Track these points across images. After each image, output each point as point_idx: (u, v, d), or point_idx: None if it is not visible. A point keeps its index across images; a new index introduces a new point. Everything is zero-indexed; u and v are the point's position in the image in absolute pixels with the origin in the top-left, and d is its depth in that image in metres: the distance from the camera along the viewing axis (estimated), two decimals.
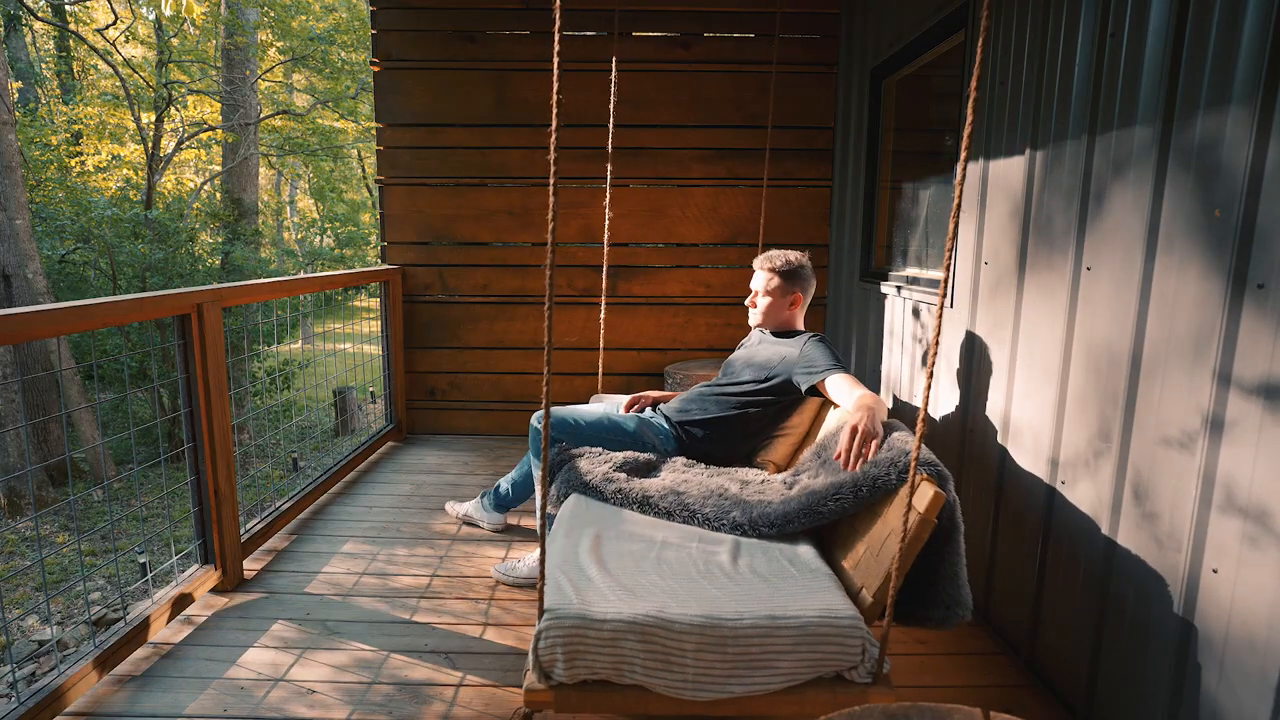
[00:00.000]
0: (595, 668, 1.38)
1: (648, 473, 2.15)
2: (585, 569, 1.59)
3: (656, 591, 1.49)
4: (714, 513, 1.85)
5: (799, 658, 1.36)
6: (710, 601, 1.44)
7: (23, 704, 1.58)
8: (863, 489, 1.61)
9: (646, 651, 1.36)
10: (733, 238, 3.98)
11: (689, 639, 1.36)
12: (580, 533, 1.78)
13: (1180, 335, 1.38)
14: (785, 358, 2.23)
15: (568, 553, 1.67)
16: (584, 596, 1.45)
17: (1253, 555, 1.21)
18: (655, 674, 1.37)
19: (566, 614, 1.38)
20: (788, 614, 1.39)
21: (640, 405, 2.58)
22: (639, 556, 1.66)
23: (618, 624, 1.36)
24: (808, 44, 3.83)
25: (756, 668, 1.36)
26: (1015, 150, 2.00)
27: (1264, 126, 1.20)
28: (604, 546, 1.71)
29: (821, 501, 1.68)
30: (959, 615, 1.52)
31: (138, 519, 6.57)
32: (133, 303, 1.93)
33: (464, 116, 3.91)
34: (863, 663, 1.38)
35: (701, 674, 1.36)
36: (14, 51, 10.40)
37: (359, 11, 11.34)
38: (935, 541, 1.50)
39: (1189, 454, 1.35)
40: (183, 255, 8.44)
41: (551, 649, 1.37)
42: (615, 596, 1.46)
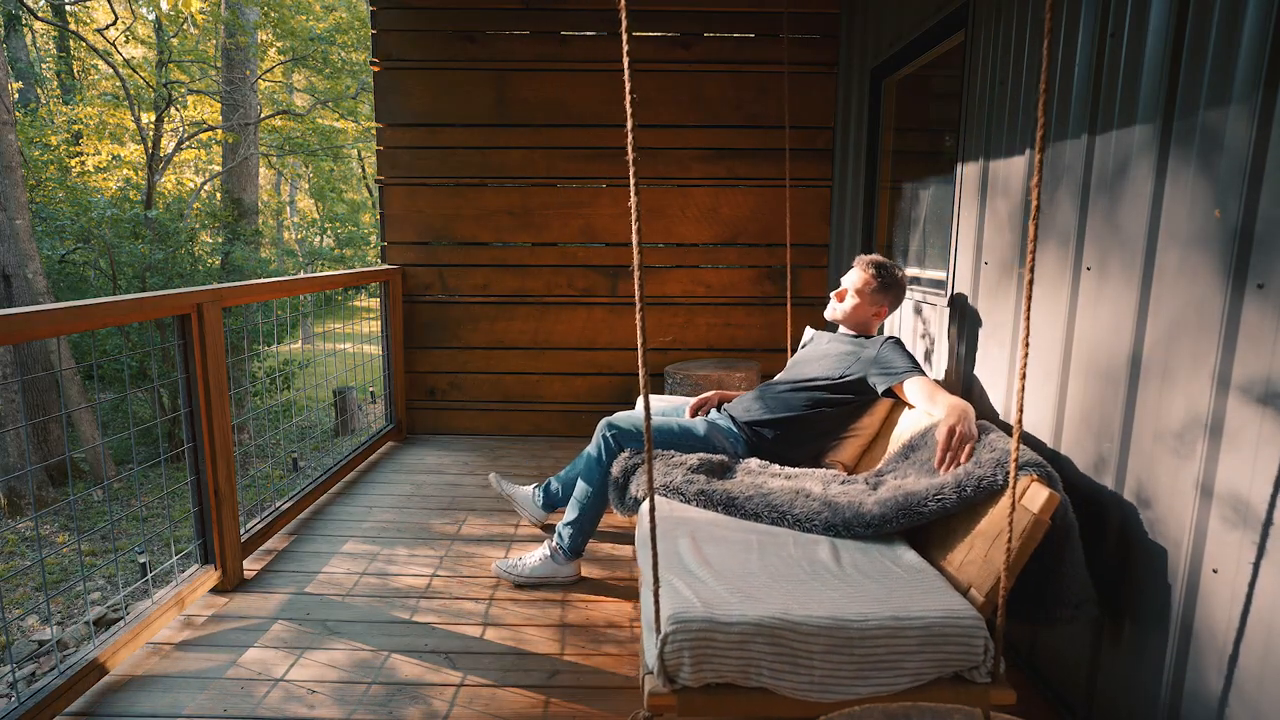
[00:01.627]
0: (722, 671, 1.36)
1: (724, 475, 2.09)
2: (694, 571, 1.57)
3: (775, 593, 1.48)
4: (804, 513, 1.81)
5: (924, 658, 1.36)
6: (831, 603, 1.44)
7: (23, 704, 1.58)
8: (967, 489, 1.59)
9: (774, 654, 1.36)
10: (733, 238, 3.98)
11: (817, 641, 1.35)
12: (674, 535, 1.75)
13: (1180, 335, 1.38)
14: (861, 358, 2.19)
15: (670, 556, 1.64)
16: (704, 599, 1.43)
17: (1253, 555, 1.21)
18: (783, 676, 1.36)
19: (693, 617, 1.36)
20: (911, 615, 1.39)
21: (706, 407, 2.53)
22: (742, 558, 1.64)
23: (745, 626, 1.35)
24: (808, 44, 3.83)
25: (883, 669, 1.36)
26: (1015, 150, 2.00)
27: (1264, 126, 1.20)
28: (704, 548, 1.68)
29: (922, 502, 1.66)
30: (1088, 611, 1.51)
31: (138, 519, 6.57)
32: (133, 303, 1.93)
33: (464, 116, 3.91)
34: (984, 662, 1.37)
35: (828, 675, 1.36)
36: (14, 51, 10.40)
37: (359, 11, 11.34)
38: (1053, 540, 1.49)
39: (1189, 453, 1.35)
40: (183, 255, 8.45)
41: (679, 652, 1.34)
42: (735, 599, 1.44)
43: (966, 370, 2.28)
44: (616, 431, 2.24)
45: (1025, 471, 1.49)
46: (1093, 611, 1.52)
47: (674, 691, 1.36)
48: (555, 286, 4.01)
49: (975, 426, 1.77)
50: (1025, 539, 1.39)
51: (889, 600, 1.45)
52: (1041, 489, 1.41)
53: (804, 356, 2.44)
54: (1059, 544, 1.49)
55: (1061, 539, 1.49)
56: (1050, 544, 1.49)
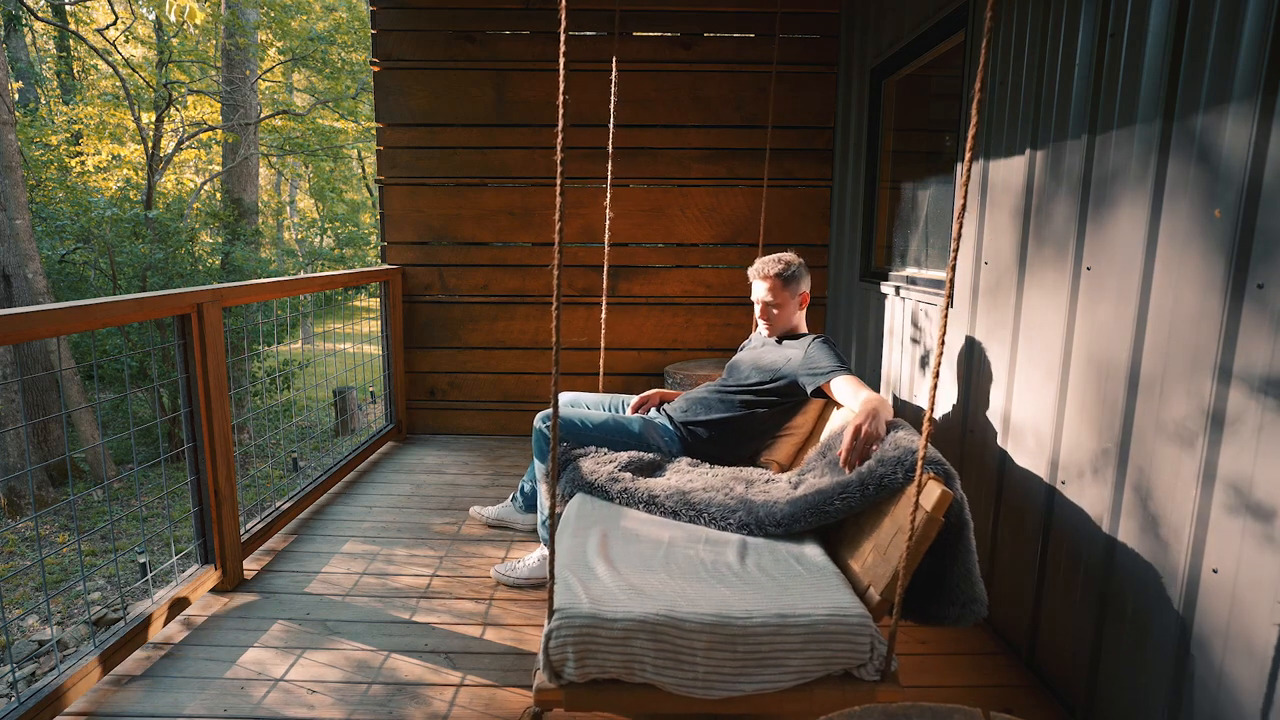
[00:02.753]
0: (606, 666, 1.38)
1: (652, 472, 2.14)
2: (594, 568, 1.59)
3: (666, 591, 1.49)
4: (719, 512, 1.85)
5: (808, 655, 1.37)
6: (720, 600, 1.45)
7: (23, 704, 1.58)
8: (869, 487, 1.61)
9: (657, 650, 1.37)
10: (733, 238, 3.98)
11: (699, 637, 1.36)
12: (587, 532, 1.78)
13: (1180, 335, 1.38)
14: (790, 359, 2.24)
15: (575, 552, 1.67)
16: (594, 595, 1.45)
17: (1253, 555, 1.21)
18: (665, 672, 1.37)
19: (577, 613, 1.38)
20: (797, 612, 1.40)
21: (647, 406, 2.57)
22: (647, 556, 1.67)
23: (628, 623, 1.37)
24: (808, 44, 3.83)
25: (766, 666, 1.37)
26: (1015, 150, 2.00)
27: (1264, 126, 1.20)
28: (611, 546, 1.71)
29: (828, 500, 1.69)
30: (975, 612, 1.52)
31: (138, 519, 6.57)
32: (133, 303, 1.93)
33: (464, 116, 3.91)
34: (871, 660, 1.38)
35: (712, 672, 1.37)
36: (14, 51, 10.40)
37: (359, 11, 11.35)
38: (945, 539, 1.50)
39: (1189, 453, 1.35)
40: (183, 255, 8.45)
41: (562, 648, 1.37)
42: (625, 596, 1.46)
43: (966, 371, 2.28)
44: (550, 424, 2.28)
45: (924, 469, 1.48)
46: (980, 612, 1.52)
47: (560, 686, 1.39)
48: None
49: (884, 425, 1.77)
50: (919, 537, 1.39)
51: (779, 598, 1.46)
52: (936, 486, 1.41)
53: (740, 359, 2.47)
54: (952, 542, 1.51)
55: (955, 538, 1.50)
56: (944, 542, 1.50)
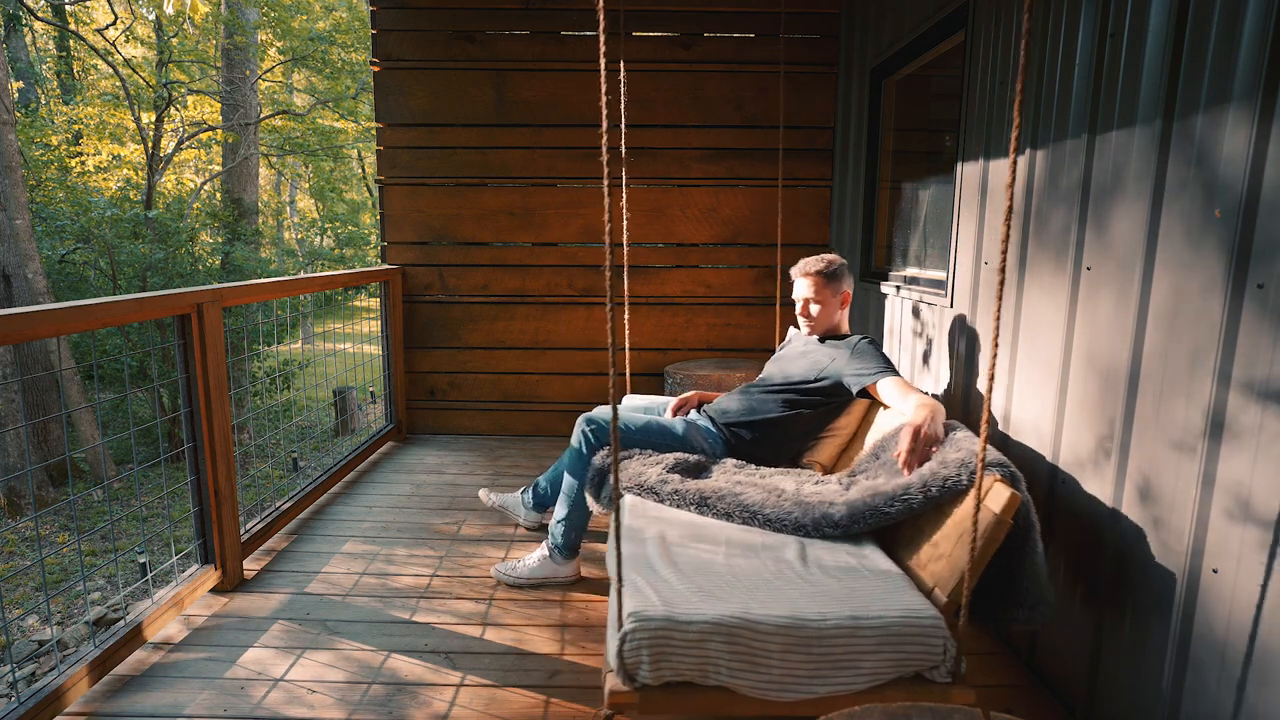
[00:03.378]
0: (680, 669, 1.37)
1: (699, 474, 2.10)
2: (658, 570, 1.58)
3: (736, 592, 1.49)
4: (774, 513, 1.82)
5: (882, 658, 1.36)
6: (792, 602, 1.44)
7: (23, 704, 1.58)
8: (932, 489, 1.60)
9: (732, 653, 1.36)
10: (733, 238, 3.98)
11: (774, 640, 1.36)
12: (644, 534, 1.77)
13: (1181, 335, 1.38)
14: (835, 359, 2.21)
15: (637, 554, 1.66)
16: (665, 598, 1.45)
17: (1253, 555, 1.21)
18: (740, 675, 1.37)
19: (652, 616, 1.37)
20: (870, 614, 1.39)
21: (687, 408, 2.54)
22: (706, 558, 1.65)
23: (703, 625, 1.36)
24: (808, 44, 3.83)
25: (841, 668, 1.37)
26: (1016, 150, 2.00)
27: (1264, 126, 1.20)
28: (672, 548, 1.70)
29: (889, 501, 1.67)
30: (1044, 614, 1.51)
31: (138, 519, 6.57)
32: (133, 303, 1.93)
33: (464, 116, 3.91)
34: (944, 662, 1.37)
35: (787, 675, 1.37)
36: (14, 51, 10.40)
37: (359, 11, 11.35)
38: (1013, 541, 1.50)
39: (1190, 453, 1.35)
40: (183, 255, 8.45)
41: (637, 651, 1.36)
42: (696, 598, 1.46)
43: (966, 371, 2.28)
44: (595, 426, 2.26)
45: (989, 472, 1.49)
46: (1048, 615, 1.52)
47: (634, 689, 1.38)
48: (555, 286, 4.01)
49: (942, 427, 1.77)
50: (987, 539, 1.39)
51: (849, 600, 1.45)
52: (1004, 489, 1.41)
53: (782, 358, 2.45)
54: (1020, 544, 1.50)
55: (1022, 540, 1.50)
56: (1011, 544, 1.50)
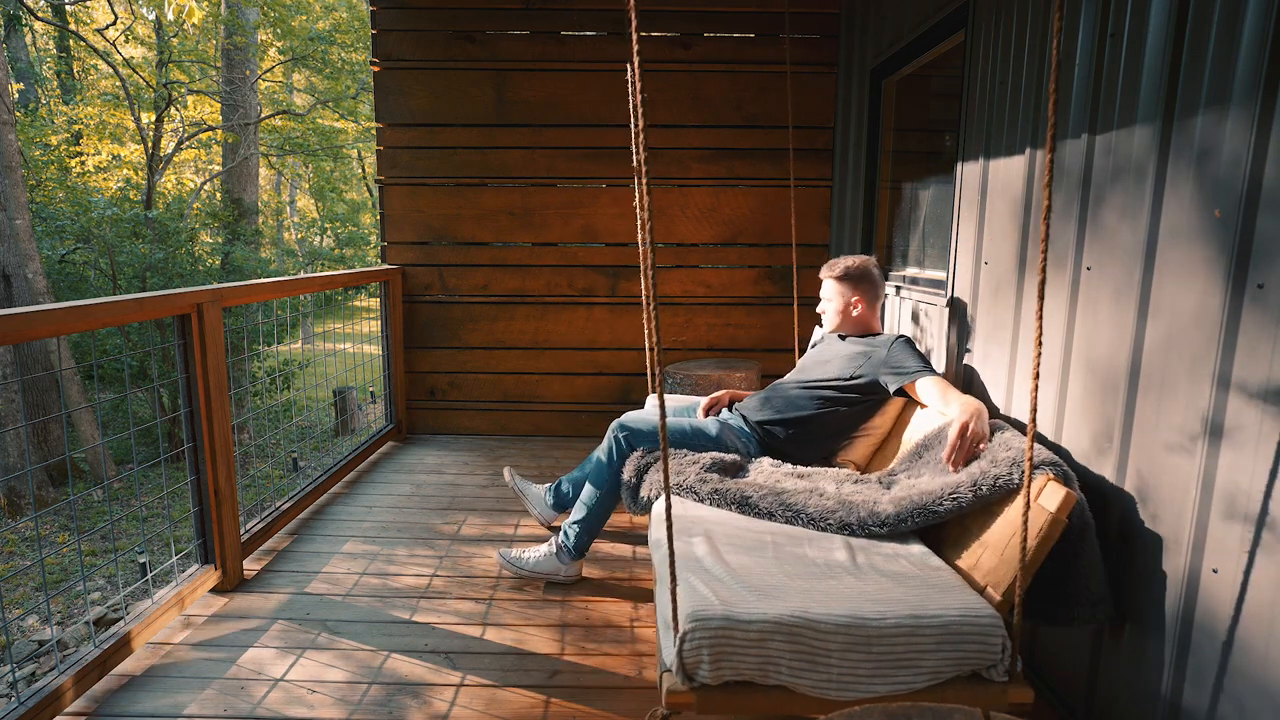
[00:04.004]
0: (740, 669, 1.36)
1: (736, 473, 2.10)
2: (711, 570, 1.57)
3: (792, 591, 1.48)
4: (818, 512, 1.82)
5: (942, 657, 1.36)
6: (850, 601, 1.44)
7: (23, 704, 1.58)
8: (982, 488, 1.59)
9: (793, 652, 1.36)
10: (733, 238, 3.98)
11: (835, 639, 1.35)
12: (688, 533, 1.75)
13: (1180, 335, 1.38)
14: (872, 358, 2.20)
15: (684, 554, 1.64)
16: (723, 597, 1.44)
17: (1253, 555, 1.21)
18: (801, 674, 1.36)
19: (712, 615, 1.37)
20: (929, 613, 1.38)
21: (718, 407, 2.53)
22: (755, 554, 1.65)
23: (764, 624, 1.35)
24: (808, 44, 3.83)
25: (901, 667, 1.36)
26: (1015, 150, 2.00)
27: (1264, 126, 1.20)
28: (720, 547, 1.68)
29: (937, 501, 1.66)
30: (1104, 611, 1.51)
31: (138, 519, 6.57)
32: (133, 303, 1.93)
33: (464, 116, 3.91)
34: (1002, 661, 1.37)
35: (846, 673, 1.36)
36: (14, 51, 10.40)
37: (359, 11, 11.35)
38: (1069, 540, 1.49)
39: (1190, 453, 1.35)
40: (183, 255, 8.45)
41: (697, 650, 1.35)
42: (753, 597, 1.45)
43: (966, 371, 2.28)
44: (628, 432, 2.24)
45: (1042, 470, 1.49)
46: (1109, 611, 1.51)
47: (692, 689, 1.37)
48: (555, 286, 4.01)
49: (988, 425, 1.77)
50: (1043, 538, 1.39)
51: (907, 599, 1.44)
52: (1059, 488, 1.41)
53: (815, 356, 2.43)
54: (1075, 543, 1.49)
55: (1078, 538, 1.49)
56: (1067, 543, 1.49)
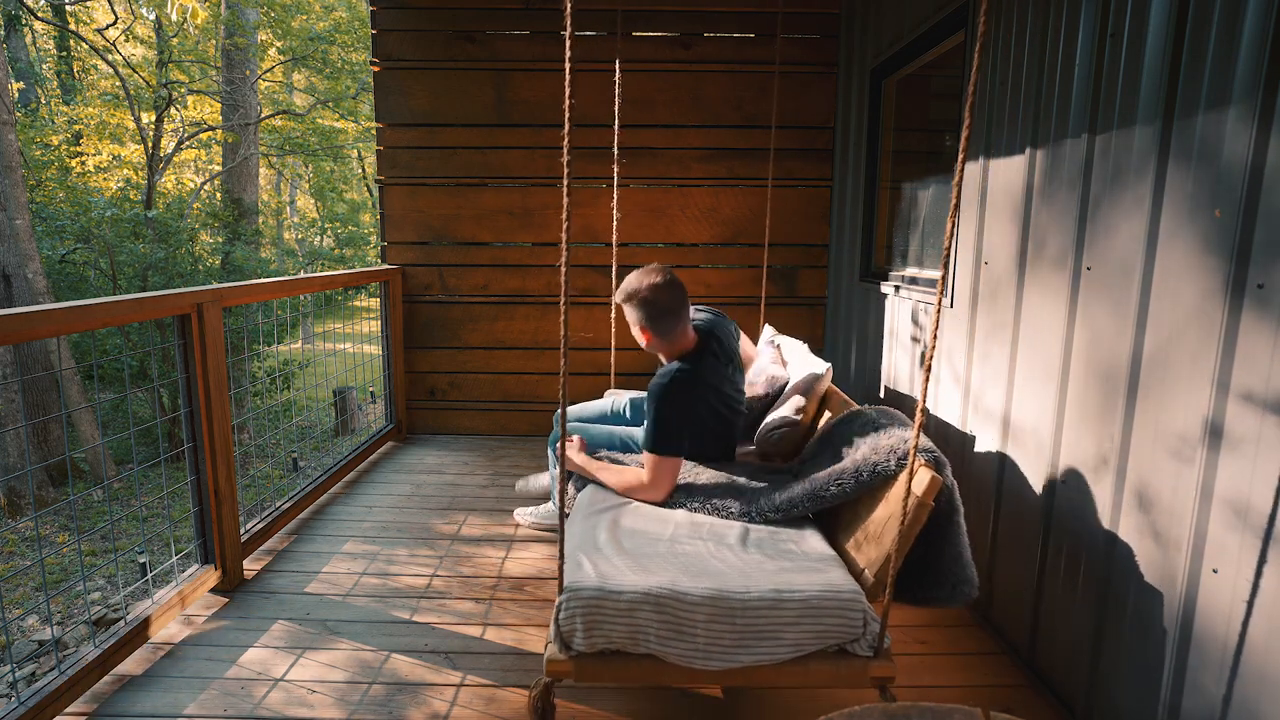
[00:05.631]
0: (612, 637, 1.46)
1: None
2: (602, 549, 1.68)
3: (669, 568, 1.57)
4: (721, 501, 1.92)
5: (803, 630, 1.44)
6: (719, 577, 1.53)
7: (23, 704, 1.58)
8: (864, 474, 1.68)
9: (660, 621, 1.44)
10: (733, 238, 3.98)
11: (700, 610, 1.44)
12: (597, 518, 1.87)
13: (1181, 335, 1.38)
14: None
15: (585, 535, 1.77)
16: (601, 572, 1.55)
17: (1253, 555, 1.21)
18: (668, 643, 1.45)
19: (585, 586, 1.47)
20: (792, 588, 1.47)
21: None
22: (653, 540, 1.75)
23: (634, 595, 1.45)
24: (808, 44, 3.83)
25: (763, 638, 1.44)
26: (1015, 150, 2.00)
27: (1264, 126, 1.20)
28: (619, 530, 1.80)
29: (823, 487, 1.75)
30: (965, 593, 1.58)
31: (138, 519, 6.57)
32: (133, 303, 1.93)
33: (464, 116, 3.91)
34: (864, 635, 1.45)
35: (711, 644, 1.44)
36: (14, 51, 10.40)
37: (359, 11, 11.35)
38: (936, 524, 1.57)
39: (1190, 453, 1.35)
40: (183, 255, 8.45)
41: (571, 619, 1.45)
42: (631, 572, 1.55)
43: (966, 371, 2.28)
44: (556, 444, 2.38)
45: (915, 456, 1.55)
46: (970, 593, 1.58)
47: (570, 658, 1.48)
48: (555, 286, 4.01)
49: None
50: (910, 521, 1.45)
51: (776, 576, 1.54)
52: (926, 472, 1.46)
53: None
54: (943, 526, 1.58)
55: (945, 522, 1.57)
56: (935, 526, 1.57)
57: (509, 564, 2.49)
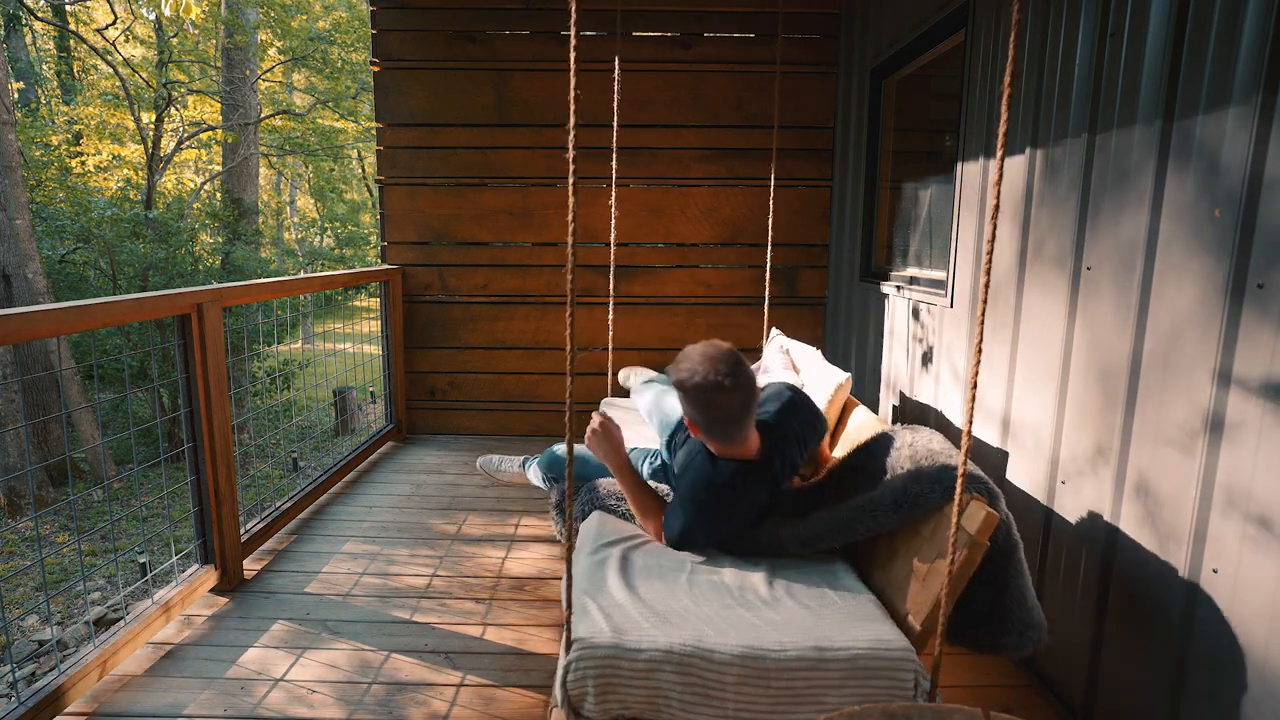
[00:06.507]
0: (629, 702, 1.28)
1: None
2: (613, 593, 1.48)
3: (692, 618, 1.38)
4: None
5: (847, 693, 1.26)
6: (751, 630, 1.34)
7: (23, 704, 1.58)
8: (903, 506, 1.50)
9: (684, 684, 1.27)
10: (733, 238, 3.98)
11: (730, 671, 1.26)
12: (606, 551, 1.68)
13: (1180, 335, 1.38)
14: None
15: (593, 574, 1.57)
16: (615, 624, 1.35)
17: (1253, 555, 1.21)
18: (694, 709, 1.28)
19: (599, 644, 1.28)
20: (835, 645, 1.29)
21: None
22: (669, 578, 1.56)
23: (654, 654, 1.27)
24: (808, 44, 3.83)
25: (802, 703, 1.26)
26: (1015, 150, 2.00)
27: (1264, 126, 1.20)
28: (630, 567, 1.61)
29: (855, 519, 1.56)
30: (1033, 639, 1.41)
31: (138, 519, 6.57)
32: (133, 303, 1.93)
33: (464, 116, 3.91)
34: (916, 697, 1.27)
35: (743, 709, 1.27)
36: (14, 51, 10.40)
37: (359, 11, 11.34)
38: (993, 563, 1.39)
39: (1189, 453, 1.35)
40: (183, 255, 8.45)
41: (582, 682, 1.26)
42: (649, 623, 1.36)
43: (965, 370, 2.28)
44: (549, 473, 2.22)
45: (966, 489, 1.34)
46: (1040, 639, 1.41)
47: None
48: (555, 286, 4.01)
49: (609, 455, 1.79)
50: (962, 562, 1.28)
51: (815, 628, 1.34)
52: (980, 508, 1.30)
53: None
54: (1002, 565, 1.41)
55: (1004, 561, 1.40)
56: (992, 566, 1.39)
57: (509, 564, 2.49)
